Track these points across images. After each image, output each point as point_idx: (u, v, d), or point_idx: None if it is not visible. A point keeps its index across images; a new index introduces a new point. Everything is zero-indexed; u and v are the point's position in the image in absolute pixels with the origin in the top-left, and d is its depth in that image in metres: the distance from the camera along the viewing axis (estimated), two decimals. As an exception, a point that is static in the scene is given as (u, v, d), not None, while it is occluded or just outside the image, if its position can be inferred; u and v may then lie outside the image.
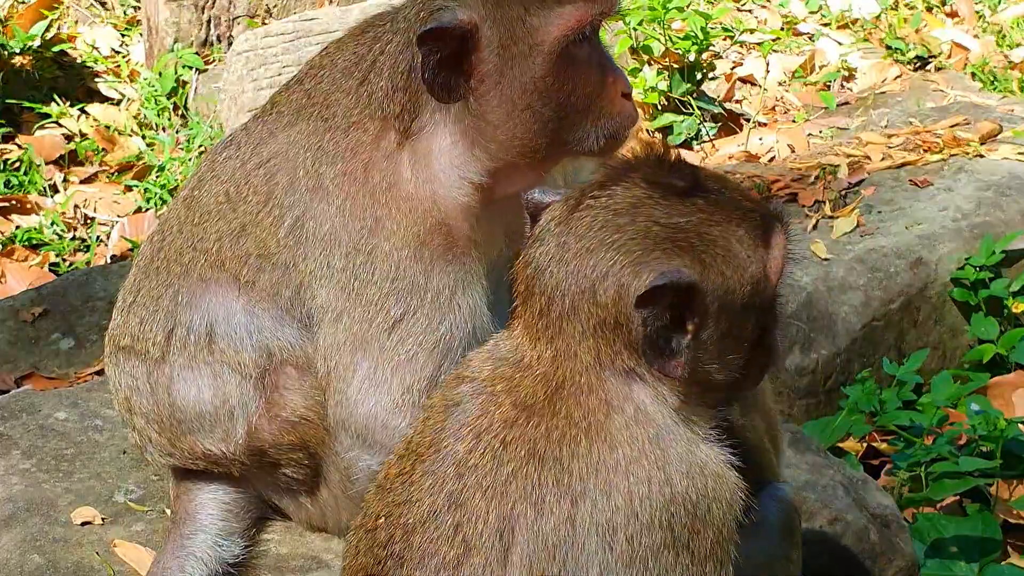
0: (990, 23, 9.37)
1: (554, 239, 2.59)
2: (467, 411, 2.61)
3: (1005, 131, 6.93)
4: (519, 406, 2.57)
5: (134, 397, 3.46)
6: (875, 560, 3.96)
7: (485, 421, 2.58)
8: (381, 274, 3.23)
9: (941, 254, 6.02)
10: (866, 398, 5.30)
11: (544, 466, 2.51)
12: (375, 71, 3.28)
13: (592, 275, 2.54)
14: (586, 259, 2.55)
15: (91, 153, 7.90)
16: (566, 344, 2.57)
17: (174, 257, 3.43)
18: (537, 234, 2.62)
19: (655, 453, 2.52)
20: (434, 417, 2.65)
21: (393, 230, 3.23)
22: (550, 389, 2.57)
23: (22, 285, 6.45)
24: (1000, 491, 5.02)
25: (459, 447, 2.57)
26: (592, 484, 2.49)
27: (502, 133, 3.20)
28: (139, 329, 3.44)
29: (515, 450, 2.53)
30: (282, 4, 8.66)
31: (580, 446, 2.51)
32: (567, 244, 2.57)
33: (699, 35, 7.73)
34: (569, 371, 2.56)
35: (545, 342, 2.59)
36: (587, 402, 2.54)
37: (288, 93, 3.44)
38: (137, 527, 3.62)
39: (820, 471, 3.99)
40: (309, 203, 3.27)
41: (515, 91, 3.16)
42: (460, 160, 3.24)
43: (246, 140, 3.43)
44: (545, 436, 2.53)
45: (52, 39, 8.55)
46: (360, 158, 3.26)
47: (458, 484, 2.54)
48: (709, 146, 7.68)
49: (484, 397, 2.61)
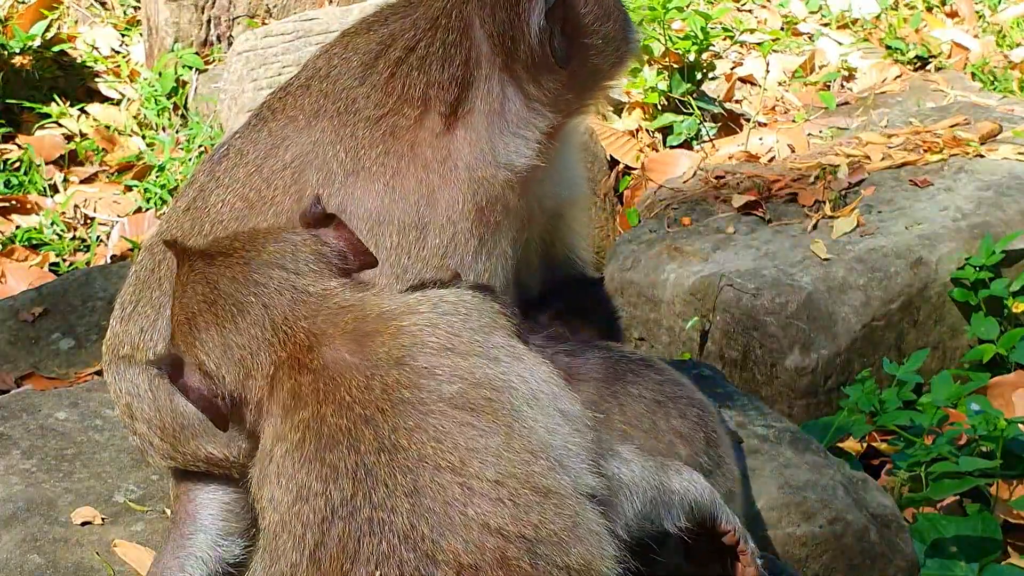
0: (990, 23, 9.37)
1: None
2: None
3: (1005, 131, 6.93)
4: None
5: (135, 403, 3.45)
6: (875, 560, 3.96)
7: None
8: (432, 249, 3.20)
9: (941, 254, 6.02)
10: (866, 398, 5.30)
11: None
12: (408, 63, 3.26)
13: None
14: None
15: (91, 153, 7.90)
16: None
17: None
18: None
19: None
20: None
21: (450, 202, 3.20)
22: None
23: (22, 285, 6.45)
24: (1000, 491, 5.02)
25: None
26: None
27: (596, 75, 3.32)
28: (140, 338, 3.42)
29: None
30: (282, 4, 8.66)
31: None
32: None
33: (699, 35, 7.73)
34: None
35: None
36: None
37: (294, 99, 3.39)
38: (137, 527, 3.62)
39: (820, 471, 3.99)
40: (351, 187, 3.22)
41: (604, 38, 3.28)
42: (525, 127, 3.25)
43: (252, 149, 3.38)
44: None
45: (52, 39, 8.55)
46: (404, 139, 3.23)
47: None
48: (709, 146, 7.68)
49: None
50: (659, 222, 6.39)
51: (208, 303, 2.76)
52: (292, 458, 2.61)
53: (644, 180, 7.37)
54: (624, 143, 7.65)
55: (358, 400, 2.59)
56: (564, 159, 3.49)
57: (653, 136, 7.80)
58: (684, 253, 6.09)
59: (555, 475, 2.59)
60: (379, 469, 2.54)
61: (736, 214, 6.32)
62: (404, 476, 2.53)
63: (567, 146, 3.52)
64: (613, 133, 7.66)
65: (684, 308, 5.92)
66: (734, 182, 6.58)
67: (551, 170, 3.37)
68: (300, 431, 2.62)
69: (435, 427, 2.56)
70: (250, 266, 2.77)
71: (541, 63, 3.22)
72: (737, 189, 6.50)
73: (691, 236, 6.20)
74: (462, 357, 2.63)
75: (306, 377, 2.65)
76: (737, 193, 6.45)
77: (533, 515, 2.53)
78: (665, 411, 3.23)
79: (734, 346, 5.79)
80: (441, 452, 2.54)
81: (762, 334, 5.71)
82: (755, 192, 6.45)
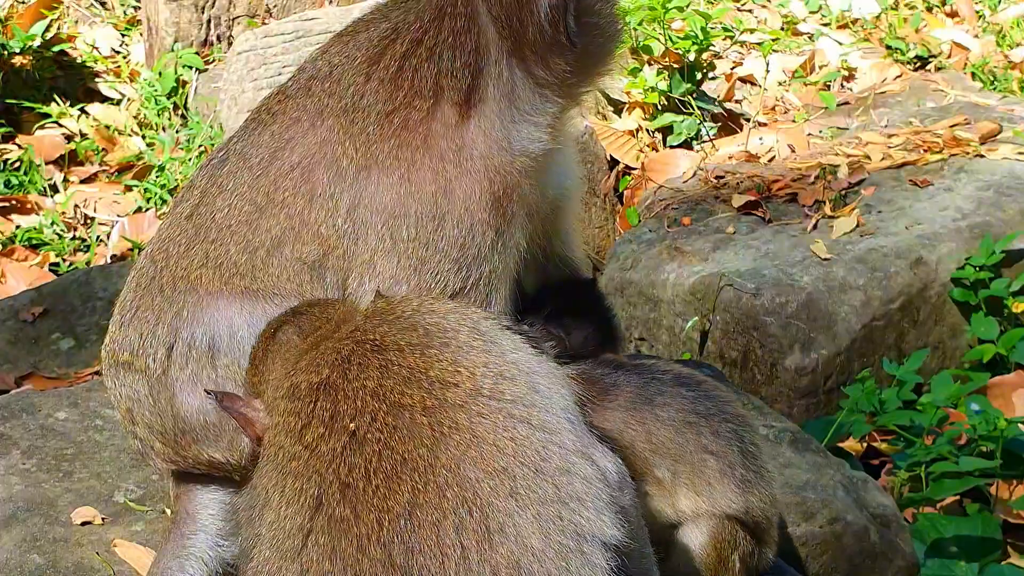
0: (990, 23, 9.37)
1: None
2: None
3: (1005, 131, 6.93)
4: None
5: (136, 408, 3.43)
6: (875, 560, 3.96)
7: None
8: (450, 240, 3.19)
9: (941, 254, 6.02)
10: (866, 398, 5.30)
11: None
12: (416, 55, 3.24)
13: None
14: None
15: (91, 153, 7.90)
16: None
17: (181, 275, 3.35)
18: None
19: None
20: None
21: (467, 192, 3.18)
22: None
23: (22, 285, 6.45)
24: (1000, 491, 5.02)
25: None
26: None
27: (598, 58, 3.32)
28: (139, 343, 3.41)
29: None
30: (282, 4, 8.66)
31: None
32: None
33: (699, 35, 7.73)
34: None
35: None
36: None
37: (295, 100, 3.36)
38: (137, 527, 3.62)
39: (820, 471, 3.99)
40: (365, 182, 3.20)
41: (605, 16, 3.29)
42: (536, 112, 3.25)
43: (255, 152, 3.34)
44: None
45: (52, 39, 8.55)
46: (417, 131, 3.21)
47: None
48: (709, 146, 7.68)
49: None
50: (659, 222, 6.39)
51: None
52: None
53: (644, 180, 7.37)
54: (624, 143, 7.65)
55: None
56: (564, 152, 3.49)
57: (653, 136, 7.80)
58: (684, 253, 6.09)
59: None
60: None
61: (736, 214, 6.32)
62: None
63: (566, 138, 3.52)
64: (613, 133, 7.66)
65: (684, 308, 5.92)
66: (734, 182, 6.58)
67: (554, 161, 3.37)
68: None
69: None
70: None
71: (550, 44, 3.21)
72: (737, 189, 6.50)
73: (691, 236, 6.20)
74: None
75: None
76: (737, 193, 6.45)
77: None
78: (696, 431, 3.25)
79: (734, 346, 5.79)
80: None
81: (762, 334, 5.71)
82: (755, 192, 6.45)
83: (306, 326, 2.93)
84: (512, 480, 2.52)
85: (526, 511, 2.50)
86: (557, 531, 2.51)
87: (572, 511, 2.54)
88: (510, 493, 2.50)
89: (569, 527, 2.52)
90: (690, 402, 3.28)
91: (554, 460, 2.58)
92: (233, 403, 2.92)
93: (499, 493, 2.50)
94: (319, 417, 2.64)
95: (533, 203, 3.30)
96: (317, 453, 2.60)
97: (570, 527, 2.52)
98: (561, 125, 3.35)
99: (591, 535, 2.55)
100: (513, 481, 2.52)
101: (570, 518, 2.53)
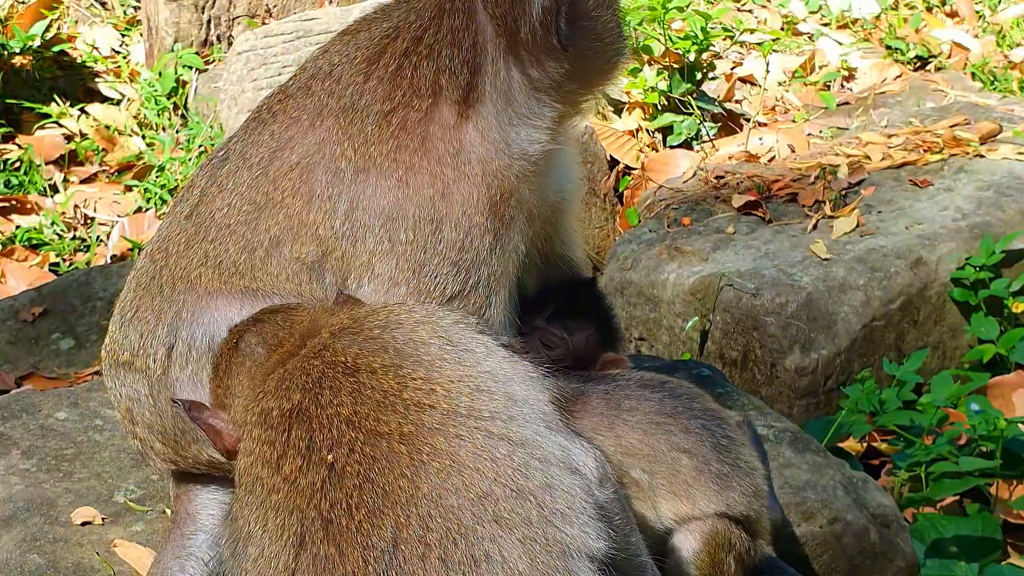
0: (990, 23, 9.37)
1: None
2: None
3: (1005, 131, 6.93)
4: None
5: (136, 408, 3.43)
6: (875, 560, 3.96)
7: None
8: (447, 244, 3.18)
9: (941, 254, 6.02)
10: (866, 398, 5.30)
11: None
12: (416, 53, 3.23)
13: None
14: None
15: (91, 153, 7.90)
16: None
17: (181, 274, 3.35)
18: None
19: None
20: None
21: (465, 196, 3.17)
22: None
23: (22, 285, 6.45)
24: (1000, 491, 5.02)
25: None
26: None
27: (595, 66, 3.32)
28: (139, 343, 3.41)
29: None
30: (282, 4, 8.67)
31: None
32: None
33: (699, 35, 7.73)
34: None
35: None
36: None
37: (295, 100, 3.36)
38: (137, 527, 3.62)
39: (820, 471, 3.99)
40: (363, 184, 3.19)
41: (603, 25, 3.28)
42: (533, 114, 3.24)
43: (254, 152, 3.33)
44: None
45: (52, 39, 8.55)
46: (415, 133, 3.20)
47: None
48: (709, 146, 7.69)
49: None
50: (659, 222, 6.40)
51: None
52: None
53: (644, 180, 7.37)
54: (624, 143, 7.65)
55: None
56: (564, 154, 3.49)
57: (653, 136, 7.80)
58: (684, 253, 6.09)
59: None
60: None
61: (736, 214, 6.32)
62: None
63: (567, 140, 3.52)
64: (613, 133, 7.66)
65: (684, 308, 5.92)
66: (734, 182, 6.59)
67: (554, 164, 3.36)
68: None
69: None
70: None
71: (543, 45, 3.20)
72: (737, 189, 6.51)
73: (691, 236, 6.20)
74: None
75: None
76: (737, 193, 6.45)
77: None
78: (665, 431, 3.24)
79: (734, 346, 5.79)
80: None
81: (762, 334, 5.71)
82: (755, 192, 6.45)
83: (269, 336, 2.87)
84: (495, 504, 2.49)
85: (511, 535, 2.47)
86: (543, 552, 2.48)
87: (557, 529, 2.51)
88: (494, 518, 2.47)
89: (555, 547, 2.49)
90: (656, 403, 3.27)
91: (536, 477, 2.54)
92: (201, 413, 2.88)
93: (483, 519, 2.47)
94: (295, 447, 2.59)
95: (532, 206, 3.29)
96: (297, 488, 2.55)
97: (556, 547, 2.50)
98: (561, 128, 3.34)
99: (577, 551, 2.52)
100: (495, 505, 2.49)
101: (555, 536, 2.50)
